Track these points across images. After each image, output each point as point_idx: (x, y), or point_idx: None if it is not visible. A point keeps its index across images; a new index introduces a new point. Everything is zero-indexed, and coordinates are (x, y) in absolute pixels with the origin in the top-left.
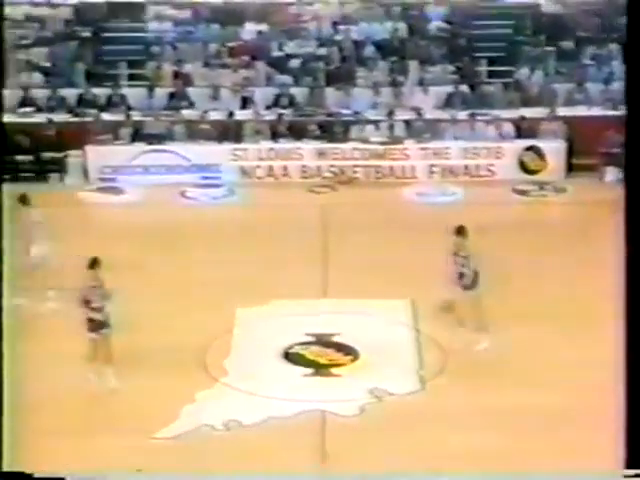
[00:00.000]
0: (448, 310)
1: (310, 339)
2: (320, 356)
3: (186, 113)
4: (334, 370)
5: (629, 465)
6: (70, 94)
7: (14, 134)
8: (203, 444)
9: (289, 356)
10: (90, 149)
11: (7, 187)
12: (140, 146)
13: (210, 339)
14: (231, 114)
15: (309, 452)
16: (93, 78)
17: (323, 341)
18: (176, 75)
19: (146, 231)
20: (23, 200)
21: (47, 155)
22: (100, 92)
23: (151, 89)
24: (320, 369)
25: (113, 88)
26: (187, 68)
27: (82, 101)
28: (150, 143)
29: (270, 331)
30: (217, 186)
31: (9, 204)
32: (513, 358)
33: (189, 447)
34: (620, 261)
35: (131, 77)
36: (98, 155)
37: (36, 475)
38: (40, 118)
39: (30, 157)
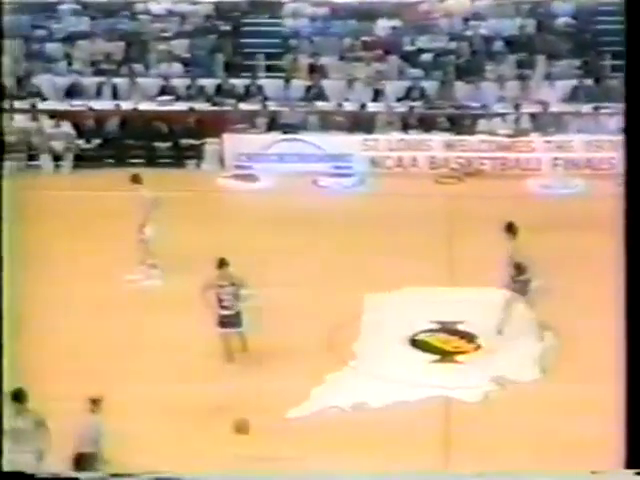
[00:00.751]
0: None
1: (435, 326)
2: (445, 343)
3: (320, 104)
4: (458, 357)
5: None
6: (209, 84)
7: (153, 121)
8: (331, 425)
9: (415, 342)
10: (227, 137)
11: (145, 171)
12: (275, 135)
13: (340, 323)
14: (363, 106)
15: (433, 437)
16: (232, 69)
17: (448, 329)
18: (312, 67)
19: (279, 218)
20: (135, 180)
21: (185, 142)
22: (238, 82)
23: (287, 80)
24: (445, 356)
25: (251, 79)
26: (322, 61)
27: (221, 91)
28: (285, 132)
29: (397, 317)
30: (348, 175)
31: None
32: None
33: (318, 427)
34: None
35: (268, 69)
36: (234, 143)
37: (36, 475)
38: (179, 106)
39: (168, 143)
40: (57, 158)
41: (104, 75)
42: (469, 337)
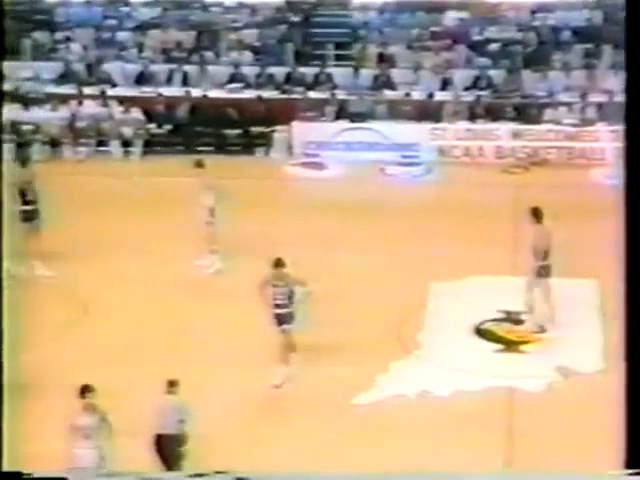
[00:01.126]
0: None
1: (501, 316)
2: (510, 333)
3: (388, 93)
4: (523, 347)
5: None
6: (279, 72)
7: (223, 108)
8: (396, 412)
9: (480, 332)
10: (296, 125)
11: (214, 158)
12: (343, 124)
13: (405, 312)
14: (431, 95)
15: (497, 425)
16: (301, 58)
17: (513, 318)
18: (380, 56)
19: (346, 206)
20: (199, 165)
21: (254, 129)
22: (308, 71)
23: (356, 69)
24: (510, 346)
25: (320, 68)
26: (391, 50)
27: (290, 79)
28: (353, 121)
29: (462, 306)
30: (416, 164)
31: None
32: None
33: (383, 414)
34: None
35: (338, 58)
36: (303, 131)
37: (36, 475)
38: (249, 94)
39: (237, 131)
40: (127, 144)
41: (175, 63)
42: (533, 327)
